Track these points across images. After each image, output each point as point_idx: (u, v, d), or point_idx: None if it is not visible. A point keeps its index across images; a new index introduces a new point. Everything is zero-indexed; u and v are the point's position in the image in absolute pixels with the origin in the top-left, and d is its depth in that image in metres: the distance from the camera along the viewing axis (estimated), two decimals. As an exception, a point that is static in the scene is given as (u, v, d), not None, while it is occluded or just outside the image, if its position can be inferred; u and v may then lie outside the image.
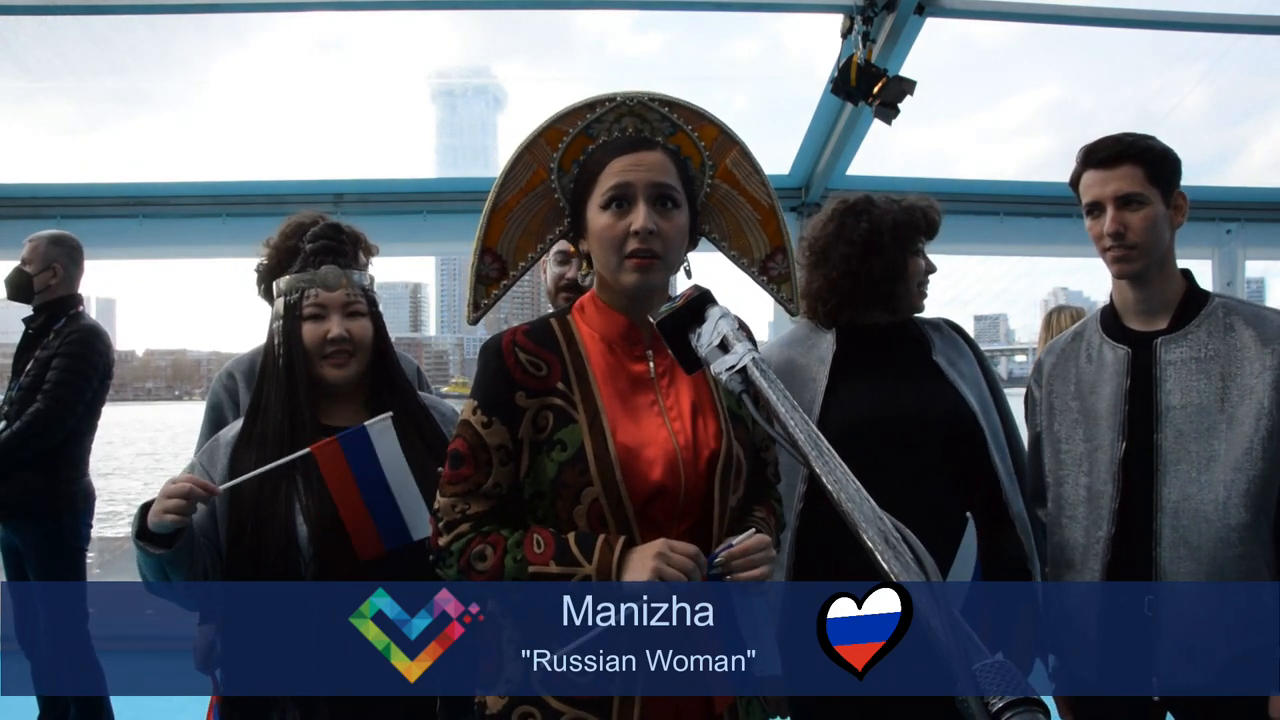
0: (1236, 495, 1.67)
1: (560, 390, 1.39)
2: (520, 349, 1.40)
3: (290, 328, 1.66)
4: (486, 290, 1.53)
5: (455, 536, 1.37)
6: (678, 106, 1.51)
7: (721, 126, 1.53)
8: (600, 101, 1.49)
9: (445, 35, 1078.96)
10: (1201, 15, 3.83)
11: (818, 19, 3.64)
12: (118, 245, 4.60)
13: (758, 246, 1.56)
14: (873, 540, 0.84)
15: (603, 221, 1.38)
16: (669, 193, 1.39)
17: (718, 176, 1.54)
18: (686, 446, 1.38)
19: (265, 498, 1.59)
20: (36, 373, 3.14)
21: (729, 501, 1.39)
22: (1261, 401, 1.68)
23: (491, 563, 1.34)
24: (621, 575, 1.28)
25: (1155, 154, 1.76)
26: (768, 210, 1.55)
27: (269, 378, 1.68)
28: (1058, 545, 1.84)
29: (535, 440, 1.38)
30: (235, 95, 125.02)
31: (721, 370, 1.09)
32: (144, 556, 1.54)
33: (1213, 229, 4.81)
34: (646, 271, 1.37)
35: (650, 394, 1.42)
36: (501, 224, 1.52)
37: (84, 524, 3.24)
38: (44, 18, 3.90)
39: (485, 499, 1.38)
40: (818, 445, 0.97)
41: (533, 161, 1.50)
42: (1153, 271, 1.78)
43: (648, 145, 1.42)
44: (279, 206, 4.67)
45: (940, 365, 1.89)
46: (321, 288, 1.67)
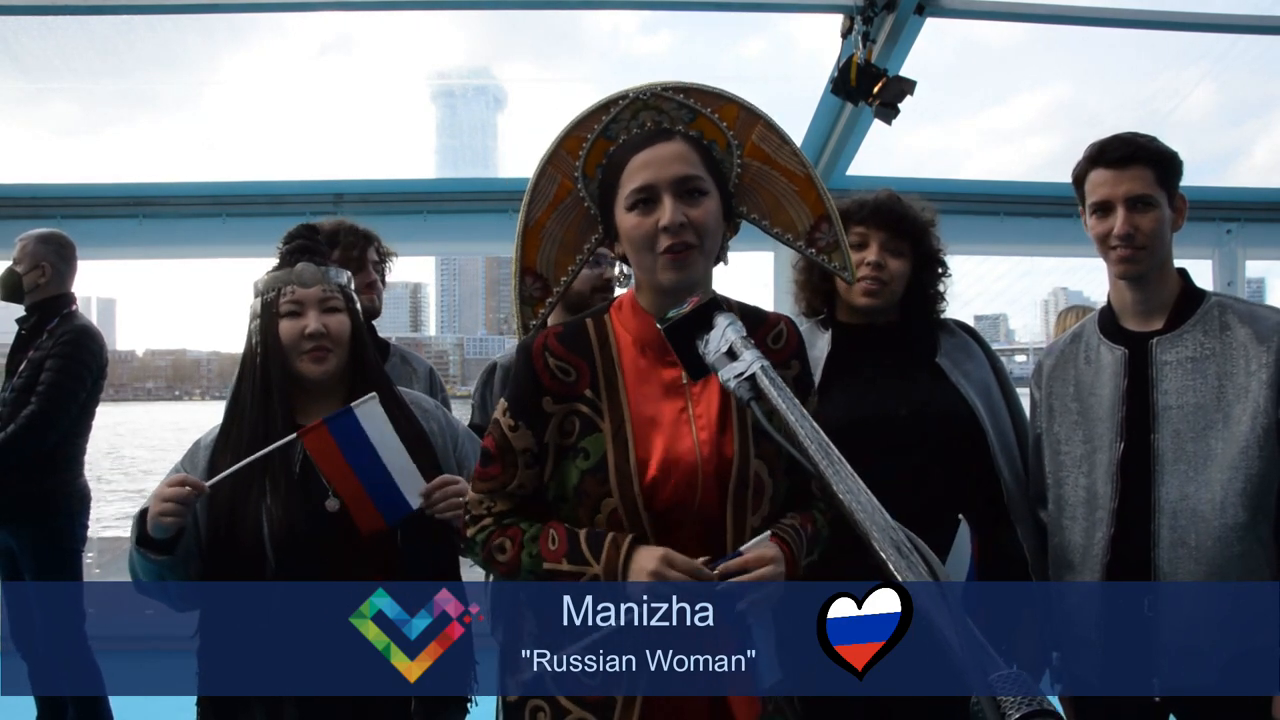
0: (1234, 494, 1.66)
1: (588, 397, 1.38)
2: (550, 353, 1.39)
3: (267, 325, 1.66)
4: (534, 310, 1.52)
5: (480, 529, 1.41)
6: (693, 91, 1.47)
7: (742, 103, 1.49)
8: (614, 101, 1.46)
9: (448, 36, 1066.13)
10: (1201, 15, 3.82)
11: (826, 18, 3.63)
12: (118, 245, 4.60)
13: (800, 219, 1.51)
14: (885, 551, 0.83)
15: (631, 222, 1.36)
16: (694, 184, 1.35)
17: (746, 154, 1.49)
18: (709, 459, 1.35)
19: (238, 498, 1.59)
20: (30, 374, 3.12)
21: (746, 521, 1.36)
22: (1257, 400, 1.68)
23: (510, 555, 1.36)
24: (626, 575, 1.28)
25: (1164, 157, 1.76)
26: (804, 180, 1.50)
27: (245, 377, 1.68)
28: (1058, 546, 1.84)
29: (561, 446, 1.38)
30: (236, 96, 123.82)
31: (730, 377, 1.08)
32: (144, 562, 1.55)
33: (1213, 229, 4.82)
34: (682, 266, 1.34)
35: (681, 400, 1.39)
36: (537, 242, 1.50)
37: (80, 524, 3.23)
38: (44, 18, 3.90)
39: (510, 498, 1.41)
40: (829, 454, 0.95)
41: (556, 174, 1.48)
42: (1153, 273, 1.78)
43: (666, 137, 1.39)
44: (279, 206, 4.68)
45: (943, 366, 1.88)
46: (298, 284, 1.66)
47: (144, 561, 1.54)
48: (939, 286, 1.96)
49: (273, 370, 1.64)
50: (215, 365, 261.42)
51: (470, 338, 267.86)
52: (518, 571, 1.36)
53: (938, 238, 1.95)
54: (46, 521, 3.11)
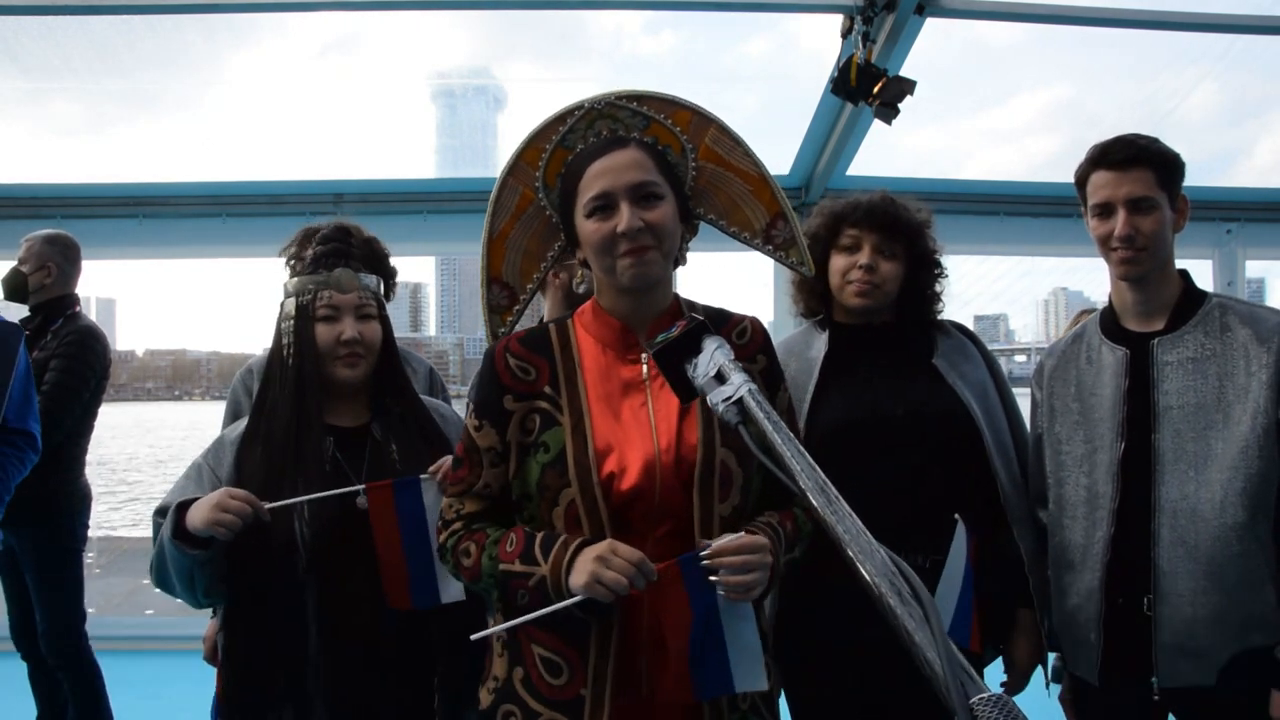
0: (1234, 494, 1.66)
1: (547, 394, 1.41)
2: (511, 354, 1.44)
3: (302, 328, 1.67)
4: (502, 319, 1.55)
5: (450, 534, 1.43)
6: (646, 99, 1.51)
7: (694, 108, 1.52)
8: (570, 112, 1.50)
9: (448, 36, 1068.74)
10: (1199, 15, 3.82)
11: (829, 18, 3.62)
12: (118, 245, 4.60)
13: (756, 218, 1.55)
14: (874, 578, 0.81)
15: (590, 228, 1.39)
16: (649, 189, 1.39)
17: (700, 157, 1.53)
18: (667, 450, 1.37)
19: (270, 495, 1.59)
20: (34, 373, 3.13)
21: (713, 509, 1.36)
22: (1258, 400, 1.67)
23: (473, 559, 1.39)
24: (568, 577, 1.28)
25: (1166, 158, 1.76)
26: (758, 180, 1.54)
27: (274, 377, 1.69)
28: (1058, 546, 1.84)
29: (522, 443, 1.40)
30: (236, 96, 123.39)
31: (718, 401, 1.09)
32: (179, 556, 1.55)
33: (1213, 229, 4.82)
34: (642, 263, 1.37)
35: (640, 396, 1.42)
36: (501, 251, 1.53)
37: (81, 524, 3.23)
38: (44, 18, 3.90)
39: (477, 499, 1.43)
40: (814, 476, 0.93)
41: (518, 185, 1.52)
42: (1154, 274, 1.78)
43: (621, 144, 1.43)
44: (279, 206, 4.68)
45: (940, 368, 1.89)
46: (335, 290, 1.68)
47: (179, 555, 1.55)
48: (935, 288, 1.96)
49: (306, 371, 1.66)
50: (215, 365, 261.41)
51: (470, 338, 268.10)
52: (480, 575, 1.38)
53: (933, 239, 1.95)
54: (49, 521, 3.10)
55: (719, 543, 1.28)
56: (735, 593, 1.27)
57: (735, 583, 1.26)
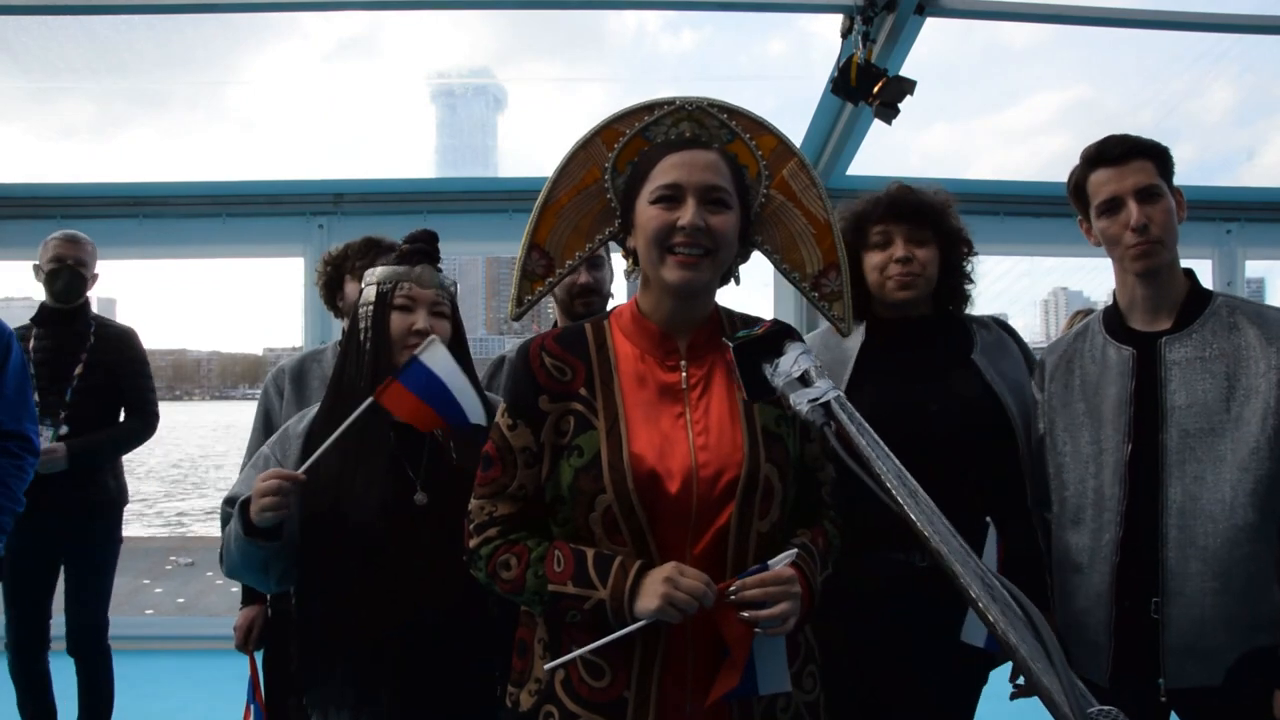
0: (1243, 495, 1.65)
1: (583, 396, 1.38)
2: (547, 353, 1.41)
3: (380, 314, 1.73)
4: (531, 286, 1.51)
5: (484, 540, 1.40)
6: (736, 114, 1.49)
7: (781, 137, 1.51)
8: (659, 104, 1.48)
9: (448, 36, 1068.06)
10: (1204, 15, 3.81)
11: (835, 19, 3.61)
12: (118, 245, 4.59)
13: (811, 261, 1.53)
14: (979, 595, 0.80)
15: (650, 214, 1.37)
16: (719, 194, 1.37)
17: (774, 187, 1.51)
18: (706, 464, 1.34)
19: (344, 481, 1.64)
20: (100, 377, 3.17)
21: (752, 525, 1.33)
22: (1268, 400, 1.66)
23: (515, 574, 1.35)
24: (634, 601, 1.26)
25: (1160, 150, 1.77)
26: (824, 225, 1.52)
27: (352, 361, 1.74)
28: (1064, 548, 1.82)
29: (556, 445, 1.38)
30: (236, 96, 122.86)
31: (803, 402, 1.07)
32: (254, 550, 1.59)
33: (1213, 229, 4.82)
34: (691, 268, 1.35)
35: (678, 405, 1.39)
36: (552, 220, 1.51)
37: (120, 523, 3.33)
38: (45, 18, 3.90)
39: (511, 500, 1.40)
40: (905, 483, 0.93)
41: (588, 160, 1.49)
42: (1166, 267, 1.77)
43: (703, 145, 1.42)
44: (279, 206, 4.68)
45: (979, 364, 1.87)
46: (415, 283, 1.75)
47: (254, 549, 1.59)
48: (965, 266, 1.95)
49: (380, 356, 1.71)
50: (215, 365, 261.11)
51: (470, 337, 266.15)
52: (522, 591, 1.35)
53: (956, 215, 1.95)
54: (98, 520, 3.19)
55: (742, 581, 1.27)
56: (770, 627, 1.26)
57: (765, 616, 1.26)
